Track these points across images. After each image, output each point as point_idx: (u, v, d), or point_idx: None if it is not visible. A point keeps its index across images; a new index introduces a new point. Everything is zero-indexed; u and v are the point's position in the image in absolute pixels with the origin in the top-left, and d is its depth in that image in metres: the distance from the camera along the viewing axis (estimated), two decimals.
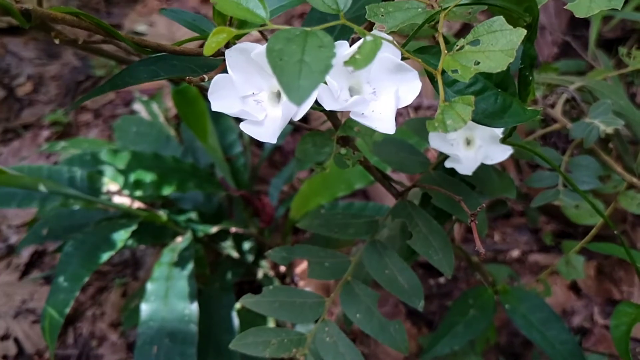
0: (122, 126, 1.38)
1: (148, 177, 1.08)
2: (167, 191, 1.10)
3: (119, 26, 2.12)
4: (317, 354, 0.67)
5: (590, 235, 0.99)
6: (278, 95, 0.49)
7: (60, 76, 2.05)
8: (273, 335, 0.67)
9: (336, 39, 0.45)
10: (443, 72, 0.45)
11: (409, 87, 0.47)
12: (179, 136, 1.44)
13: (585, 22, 1.64)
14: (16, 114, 1.94)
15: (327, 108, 0.46)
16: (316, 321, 0.70)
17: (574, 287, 1.33)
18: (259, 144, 1.59)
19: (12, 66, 2.06)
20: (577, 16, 0.45)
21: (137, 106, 1.55)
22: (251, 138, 1.47)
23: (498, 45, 0.40)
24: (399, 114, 1.69)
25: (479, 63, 0.40)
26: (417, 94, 0.47)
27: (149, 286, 0.97)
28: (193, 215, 1.23)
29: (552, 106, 0.89)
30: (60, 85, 2.02)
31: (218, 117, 1.35)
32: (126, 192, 1.07)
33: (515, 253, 1.43)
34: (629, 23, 1.66)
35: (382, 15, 0.49)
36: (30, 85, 2.02)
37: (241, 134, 1.41)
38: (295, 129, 1.51)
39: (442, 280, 1.41)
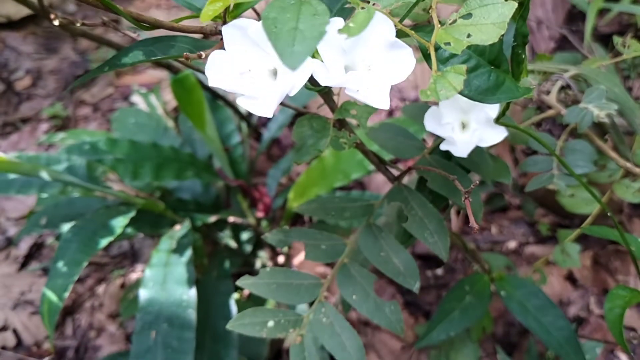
0: (120, 118, 1.39)
1: (147, 165, 1.09)
2: (165, 180, 1.10)
3: (117, 21, 2.12)
4: (314, 334, 0.68)
5: (587, 223, 0.99)
6: (274, 72, 0.50)
7: (58, 70, 2.05)
8: (270, 316, 0.68)
9: None
10: (438, 48, 0.46)
11: (403, 63, 0.48)
12: (177, 128, 1.44)
13: (582, 16, 1.65)
14: (15, 108, 1.95)
15: (323, 84, 0.47)
16: (312, 303, 0.70)
17: (570, 278, 1.33)
18: (257, 137, 1.59)
19: (10, 60, 2.06)
20: None
21: (136, 98, 1.56)
22: (249, 130, 1.47)
23: (490, 18, 0.41)
24: (397, 107, 1.70)
25: (471, 36, 0.41)
26: (411, 70, 0.48)
27: (148, 272, 0.97)
28: (191, 204, 1.23)
29: (547, 93, 0.90)
30: (59, 79, 2.03)
31: (216, 107, 1.35)
32: (125, 180, 1.07)
33: (512, 245, 1.44)
34: (625, 17, 1.67)
35: None
36: (29, 79, 2.02)
37: (239, 125, 1.41)
38: (293, 122, 1.52)
39: (439, 271, 1.42)
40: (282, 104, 0.72)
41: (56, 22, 0.57)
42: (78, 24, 0.59)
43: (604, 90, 0.77)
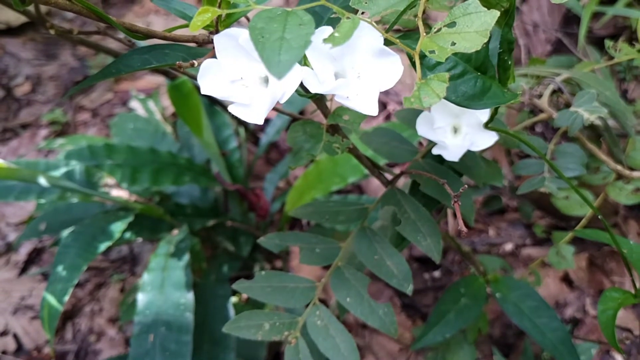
0: (119, 123, 1.40)
1: (145, 170, 1.10)
2: (163, 185, 1.11)
3: (113, 28, 2.13)
4: (309, 336, 0.69)
5: (580, 225, 1.00)
6: (265, 80, 0.51)
7: (58, 76, 2.06)
8: (266, 318, 0.69)
9: None
10: (424, 56, 0.47)
11: (391, 70, 0.49)
12: (175, 133, 1.45)
13: (578, 19, 1.66)
14: (14, 114, 1.96)
15: (313, 91, 0.48)
16: (307, 305, 0.71)
17: (566, 279, 1.34)
18: (255, 141, 1.60)
19: (10, 67, 2.07)
20: (552, 2, 0.47)
21: (134, 104, 1.57)
22: (247, 134, 1.48)
23: (473, 26, 0.42)
24: (395, 110, 1.71)
25: (455, 44, 0.42)
26: (399, 77, 0.49)
27: (146, 276, 0.98)
28: (189, 209, 1.25)
29: (540, 97, 0.91)
30: (58, 85, 2.04)
31: (213, 112, 1.36)
32: (124, 185, 1.09)
33: (508, 247, 1.45)
34: (620, 20, 1.68)
35: (366, 2, 0.51)
36: (29, 85, 2.04)
37: (236, 130, 1.42)
38: (290, 126, 1.53)
39: (436, 274, 1.43)
40: (276, 109, 0.73)
41: (52, 32, 0.58)
42: (74, 33, 0.60)
43: (594, 93, 0.78)
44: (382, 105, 1.70)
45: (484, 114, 0.69)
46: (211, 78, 0.49)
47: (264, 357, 1.14)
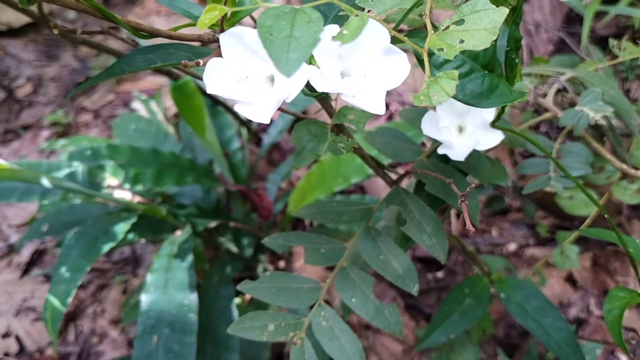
0: (121, 124, 1.40)
1: (148, 171, 1.10)
2: (166, 185, 1.11)
3: (117, 28, 2.12)
4: (314, 337, 0.68)
5: (585, 225, 1.00)
6: (271, 79, 0.51)
7: (59, 78, 2.06)
8: (270, 319, 0.69)
9: None
10: (432, 53, 0.46)
11: (398, 69, 0.49)
12: (178, 134, 1.45)
13: (580, 19, 1.66)
14: (16, 115, 1.96)
15: (319, 89, 0.48)
16: (312, 306, 0.71)
17: (570, 279, 1.34)
18: (258, 142, 1.60)
19: (11, 68, 2.07)
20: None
21: (136, 105, 1.57)
22: (250, 135, 1.48)
23: (482, 24, 0.41)
24: (397, 110, 1.70)
25: (463, 41, 0.42)
26: (405, 75, 0.48)
27: (149, 277, 0.98)
28: (192, 210, 1.24)
29: (544, 96, 0.91)
30: (60, 86, 2.04)
31: (216, 113, 1.36)
32: (126, 186, 1.08)
33: (512, 247, 1.44)
34: (622, 19, 1.68)
35: (372, 1, 0.50)
36: (30, 86, 2.04)
37: (239, 130, 1.42)
38: (293, 127, 1.52)
39: (440, 274, 1.42)
40: (280, 109, 0.73)
41: (56, 31, 0.58)
42: (78, 33, 0.60)
43: (599, 92, 0.78)
44: (385, 106, 1.70)
45: (490, 113, 0.69)
46: (217, 77, 0.49)
47: (267, 358, 1.13)
